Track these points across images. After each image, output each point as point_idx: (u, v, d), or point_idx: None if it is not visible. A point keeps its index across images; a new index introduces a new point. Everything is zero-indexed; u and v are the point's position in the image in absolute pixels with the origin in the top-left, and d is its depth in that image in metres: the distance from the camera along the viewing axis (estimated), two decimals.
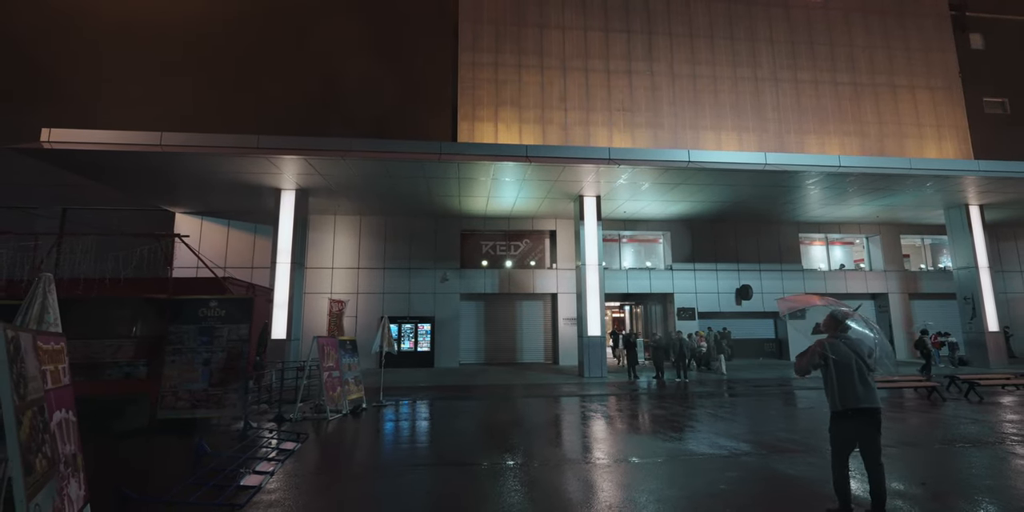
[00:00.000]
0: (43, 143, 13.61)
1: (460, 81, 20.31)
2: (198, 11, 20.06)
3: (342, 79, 20.11)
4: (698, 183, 16.67)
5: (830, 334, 4.38)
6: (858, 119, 22.22)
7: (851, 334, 4.36)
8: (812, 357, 4.27)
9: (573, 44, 21.32)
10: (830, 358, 4.19)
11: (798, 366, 4.35)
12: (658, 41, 21.71)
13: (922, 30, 23.60)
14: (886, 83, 22.73)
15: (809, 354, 4.31)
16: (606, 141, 20.55)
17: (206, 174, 15.14)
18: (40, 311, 4.80)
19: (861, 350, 4.22)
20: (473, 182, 16.27)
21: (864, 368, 4.15)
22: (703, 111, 21.31)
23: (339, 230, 19.56)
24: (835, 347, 4.23)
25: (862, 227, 22.43)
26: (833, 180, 16.60)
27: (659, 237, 21.95)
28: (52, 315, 4.89)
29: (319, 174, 15.26)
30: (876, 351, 4.28)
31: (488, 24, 20.96)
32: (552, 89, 20.83)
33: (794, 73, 22.20)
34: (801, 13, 23.00)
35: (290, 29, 20.28)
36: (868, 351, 4.23)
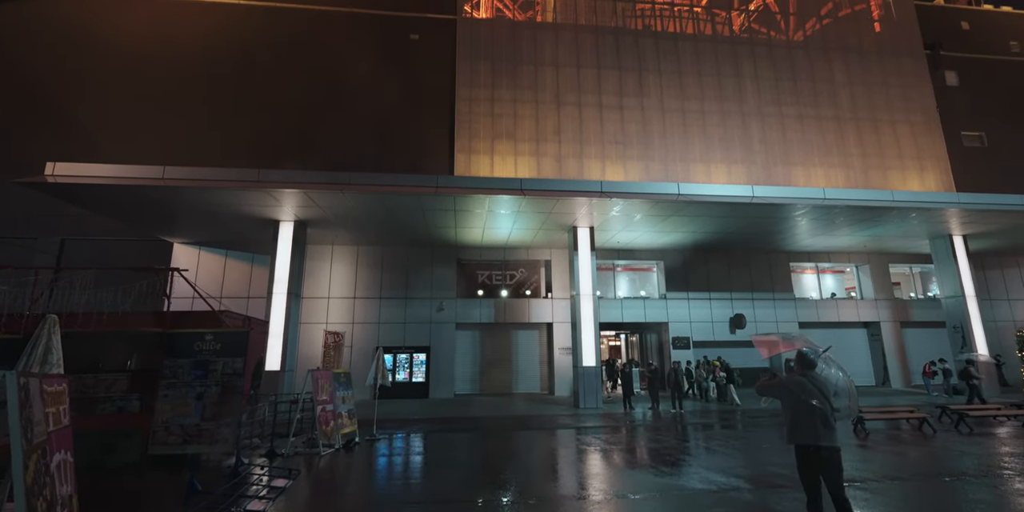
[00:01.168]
0: (47, 177, 13.89)
1: (457, 115, 20.94)
2: (202, 45, 20.75)
3: (342, 113, 20.69)
4: (689, 215, 17.07)
5: (798, 371, 4.58)
6: (842, 152, 22.93)
7: (819, 373, 4.55)
8: (772, 388, 4.54)
9: (567, 80, 22.12)
10: (791, 393, 4.40)
11: (758, 386, 4.64)
12: (648, 78, 22.55)
13: (899, 68, 24.64)
14: (867, 117, 23.57)
15: (770, 385, 4.56)
16: (599, 173, 21.07)
17: (207, 206, 15.41)
18: (44, 352, 4.92)
19: (827, 390, 4.41)
20: (469, 214, 16.60)
21: (828, 409, 4.32)
22: (692, 144, 21.97)
23: (336, 260, 19.75)
24: (800, 384, 4.42)
25: (851, 256, 22.83)
26: (820, 212, 17.04)
27: (653, 266, 22.24)
28: (55, 355, 5.01)
29: (318, 206, 15.56)
30: (840, 392, 4.46)
31: (485, 61, 21.77)
32: (547, 123, 21.48)
33: (779, 108, 23.02)
34: (783, 52, 24.03)
35: (290, 63, 20.97)
36: (833, 390, 4.43)
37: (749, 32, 24.50)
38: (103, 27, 20.48)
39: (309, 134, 20.13)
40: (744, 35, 24.26)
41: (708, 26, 24.08)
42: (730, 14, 24.63)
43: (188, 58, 20.52)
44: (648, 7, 24.02)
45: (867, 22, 25.56)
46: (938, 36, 25.79)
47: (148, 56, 20.31)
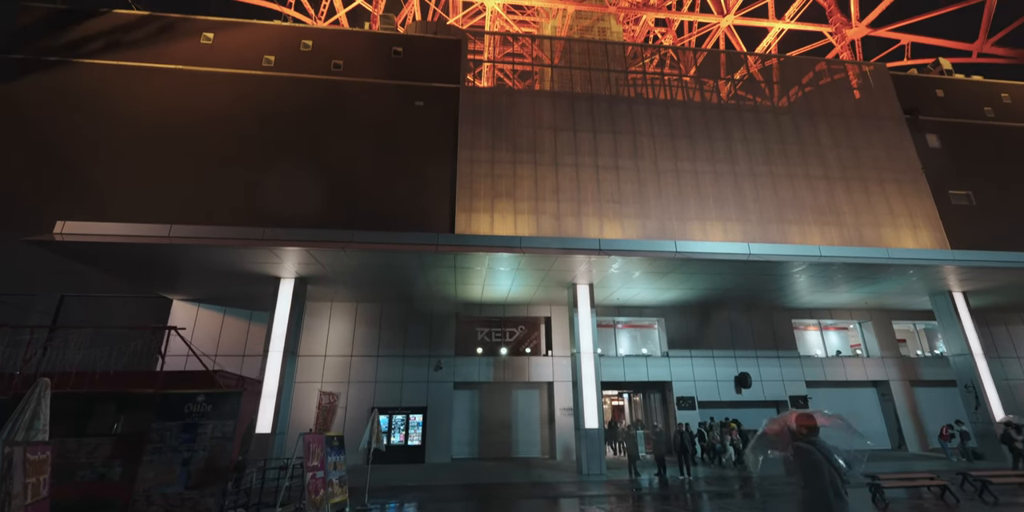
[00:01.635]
0: (55, 235, 14.15)
1: (458, 176, 21.67)
2: (212, 111, 21.84)
3: (346, 173, 21.41)
4: (687, 272, 17.19)
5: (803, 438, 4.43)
6: (834, 210, 23.48)
7: (825, 440, 4.41)
8: (799, 465, 4.31)
9: (564, 143, 23.10)
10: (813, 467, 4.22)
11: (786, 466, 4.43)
12: (642, 141, 23.57)
13: (881, 130, 25.81)
14: (856, 177, 24.36)
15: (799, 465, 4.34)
16: (597, 231, 21.45)
17: (210, 264, 15.56)
18: (31, 417, 4.80)
19: (833, 458, 4.25)
20: (469, 271, 16.72)
21: (837, 479, 4.15)
22: (688, 203, 22.55)
23: (335, 317, 19.62)
24: (810, 454, 4.26)
25: (853, 313, 22.69)
26: (818, 269, 17.16)
27: (654, 323, 22.05)
28: (42, 421, 4.89)
29: (319, 264, 15.71)
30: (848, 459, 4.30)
31: (485, 125, 22.86)
32: (545, 183, 22.18)
33: (769, 168, 23.86)
34: (770, 116, 25.29)
35: (297, 127, 21.99)
36: (841, 457, 4.27)
37: (736, 99, 25.91)
38: (120, 94, 21.65)
39: (314, 193, 20.72)
40: (731, 102, 25.64)
41: (697, 93, 25.52)
42: (717, 83, 26.18)
43: (199, 123, 21.54)
44: (639, 77, 25.59)
45: (847, 90, 27.10)
46: (915, 102, 27.24)
47: (161, 121, 21.33)
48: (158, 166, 20.51)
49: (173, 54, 22.60)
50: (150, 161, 20.55)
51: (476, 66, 25.24)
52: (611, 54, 25.82)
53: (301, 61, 23.28)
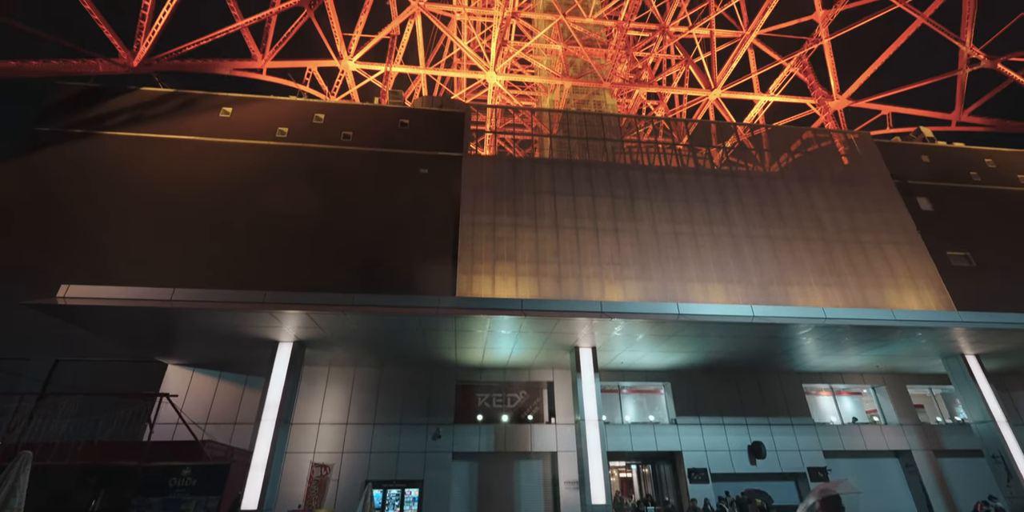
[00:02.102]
0: (58, 299, 14.19)
1: (460, 239, 22.06)
2: (222, 178, 22.66)
3: (349, 237, 21.83)
4: (691, 335, 16.95)
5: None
6: (835, 271, 23.55)
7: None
8: None
9: (563, 207, 23.73)
10: None
11: None
12: (640, 204, 24.21)
13: (872, 194, 26.52)
14: (852, 239, 24.68)
15: None
16: (598, 293, 21.44)
17: (210, 328, 15.46)
18: (7, 495, 4.56)
19: None
20: (470, 334, 16.53)
21: None
22: (688, 265, 22.71)
23: (332, 382, 19.12)
24: None
25: (865, 377, 22.03)
26: (824, 332, 16.92)
27: (660, 388, 21.37)
28: (18, 499, 4.64)
29: (319, 327, 15.59)
30: None
31: (487, 191, 23.62)
32: (546, 245, 22.51)
33: (766, 230, 24.26)
34: (762, 181, 26.13)
35: (302, 192, 22.71)
36: None
37: (729, 165, 26.94)
38: (135, 163, 22.58)
39: (317, 257, 21.01)
40: (724, 167, 26.63)
41: (691, 160, 26.59)
42: (709, 150, 27.36)
43: (208, 190, 22.30)
44: (635, 145, 26.81)
45: (835, 156, 28.21)
46: (902, 167, 28.23)
47: (171, 188, 22.06)
48: (164, 231, 20.99)
49: (191, 126, 23.92)
50: (156, 226, 21.06)
51: (479, 136, 26.58)
52: (607, 125, 27.23)
53: (313, 132, 24.58)
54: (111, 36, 24.60)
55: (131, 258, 20.21)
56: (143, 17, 25.53)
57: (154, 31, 25.45)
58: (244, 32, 30.01)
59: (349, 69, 37.14)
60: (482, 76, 38.93)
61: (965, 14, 33.08)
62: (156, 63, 26.12)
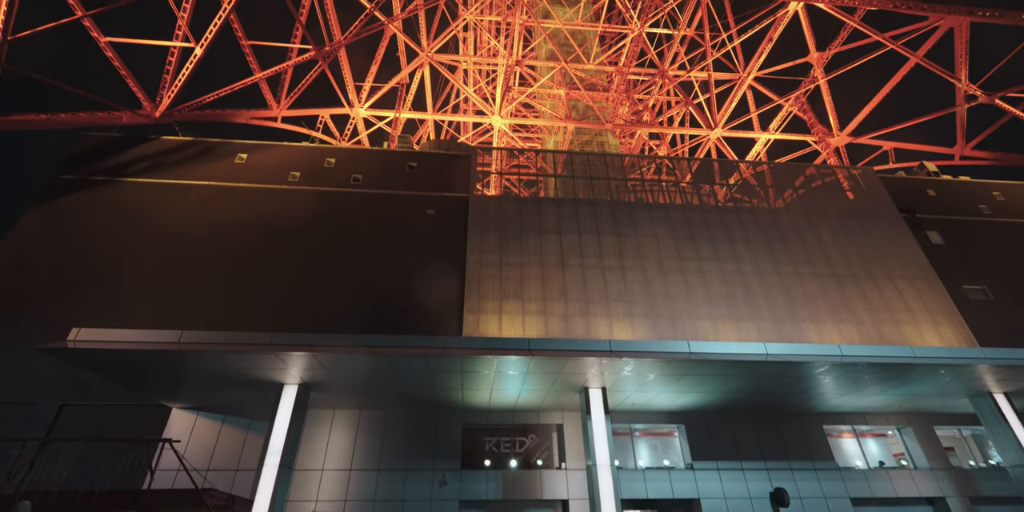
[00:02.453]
0: (68, 342, 14.29)
1: (467, 278, 22.12)
2: (232, 222, 23.14)
3: (356, 278, 21.99)
4: (703, 374, 16.53)
5: None
6: (848, 307, 23.12)
7: None
8: None
9: (569, 245, 23.84)
10: None
11: None
12: (645, 242, 24.28)
13: (881, 229, 26.40)
14: (864, 274, 24.37)
15: None
16: (607, 331, 21.15)
17: (216, 370, 15.39)
18: None
19: None
20: (476, 375, 16.26)
21: None
22: (697, 302, 22.45)
23: (336, 426, 18.71)
24: None
25: (889, 417, 21.14)
26: (841, 370, 16.43)
27: (674, 430, 20.63)
28: None
29: (324, 369, 15.44)
30: None
31: (493, 230, 23.88)
32: (552, 283, 22.46)
33: (775, 266, 24.08)
34: (768, 217, 26.19)
35: (310, 235, 23.08)
36: None
37: (733, 201, 27.13)
38: (150, 208, 23.21)
39: (323, 298, 21.11)
40: (729, 204, 26.81)
41: (695, 198, 26.84)
42: (713, 187, 27.65)
43: (219, 232, 22.76)
44: (638, 184, 27.20)
45: (839, 191, 28.35)
46: (909, 202, 28.22)
47: (184, 231, 22.56)
48: (175, 273, 21.32)
49: (208, 172, 24.76)
50: (168, 268, 21.41)
51: (484, 177, 27.19)
52: (610, 164, 27.77)
53: (324, 176, 25.30)
54: (137, 90, 25.96)
55: (142, 300, 20.46)
56: (167, 71, 27.00)
57: (176, 84, 26.86)
58: (261, 84, 31.55)
59: (360, 116, 38.64)
60: (488, 120, 40.26)
61: (958, 53, 33.91)
62: (177, 113, 27.38)
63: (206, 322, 19.52)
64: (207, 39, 27.59)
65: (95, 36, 25.17)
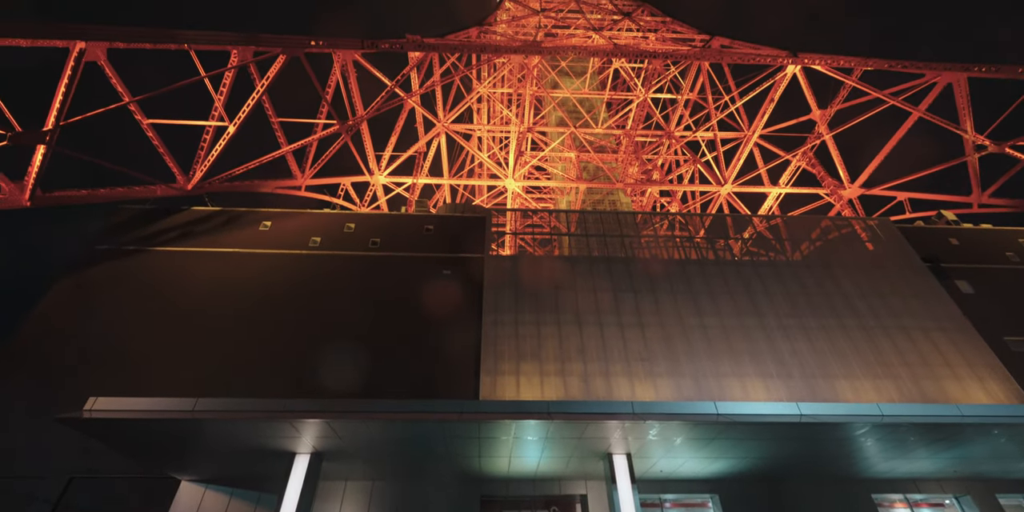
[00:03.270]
0: (84, 412, 14.22)
1: (483, 337, 21.86)
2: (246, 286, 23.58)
3: (371, 341, 21.90)
4: (734, 437, 15.59)
5: None
6: (882, 361, 22.02)
7: None
8: None
9: (586, 303, 23.62)
10: None
11: None
12: (663, 298, 23.95)
13: (906, 279, 25.71)
14: (894, 326, 23.42)
15: None
16: (628, 392, 20.35)
17: (228, 438, 15.05)
18: None
19: None
20: (494, 442, 15.59)
21: None
22: (721, 359, 21.66)
23: (348, 499, 17.80)
24: None
25: (945, 484, 19.37)
26: (883, 432, 15.37)
27: (707, 501, 19.12)
28: None
29: (338, 437, 15.00)
30: None
31: (509, 289, 23.89)
32: (570, 342, 22.02)
33: (799, 320, 23.35)
34: (787, 269, 25.80)
35: (322, 299, 23.30)
36: None
37: (750, 255, 26.94)
38: (173, 276, 23.77)
39: (338, 362, 20.94)
40: (746, 258, 26.61)
41: (710, 253, 26.75)
42: (728, 242, 27.61)
43: (239, 298, 23.12)
44: (652, 240, 27.33)
45: (858, 242, 28.02)
46: (931, 251, 27.64)
47: (205, 298, 22.91)
48: (193, 340, 21.50)
49: (233, 239, 25.69)
50: (187, 336, 21.61)
51: (499, 237, 27.68)
52: (623, 221, 28.12)
53: (343, 240, 26.04)
54: (173, 166, 27.74)
55: (161, 368, 20.52)
56: (201, 148, 28.96)
57: (209, 159, 28.66)
58: (288, 156, 33.48)
59: (379, 183, 40.37)
60: (501, 183, 41.65)
61: (960, 106, 34.64)
62: (208, 185, 28.97)
63: (222, 389, 19.38)
64: (240, 118, 29.78)
65: (139, 119, 27.36)
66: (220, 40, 28.45)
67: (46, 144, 22.13)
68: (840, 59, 37.62)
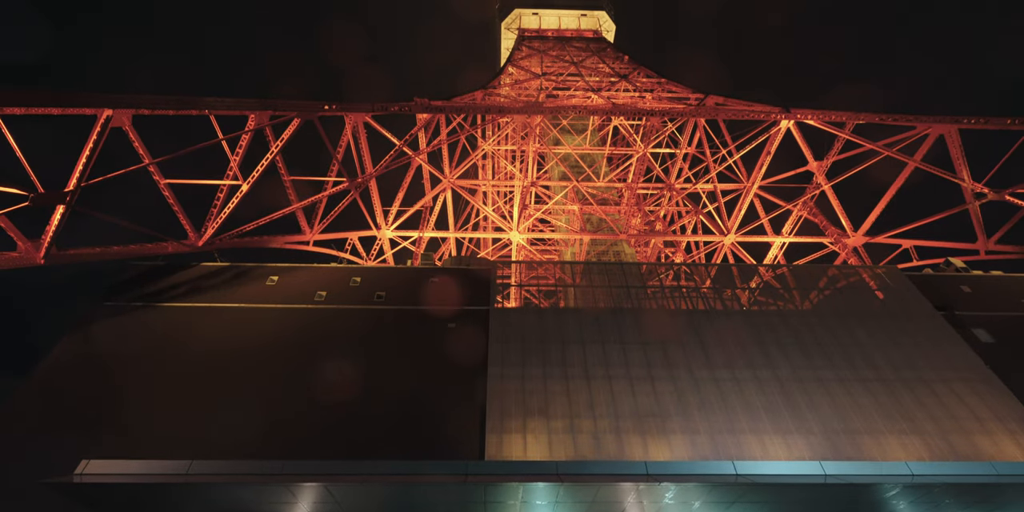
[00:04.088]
0: (75, 476, 13.69)
1: (488, 393, 21.21)
2: (258, 341, 23.37)
3: (372, 397, 21.32)
4: (756, 500, 14.68)
5: None
6: (906, 416, 21.03)
7: None
8: None
9: (593, 355, 23.11)
10: None
11: None
12: (672, 349, 23.42)
13: (921, 328, 25.10)
14: (914, 377, 22.59)
15: None
16: (641, 450, 19.39)
17: (225, 503, 14.32)
18: None
19: None
20: (501, 506, 14.75)
21: None
22: (736, 414, 20.79)
23: None
24: None
25: None
26: (915, 493, 14.43)
27: None
28: None
29: (335, 501, 14.24)
30: None
31: (514, 342, 23.50)
32: (578, 397, 21.32)
33: (814, 372, 22.61)
34: (797, 319, 25.35)
35: (324, 354, 22.92)
36: None
37: (758, 304, 26.60)
38: (176, 332, 23.61)
39: (337, 419, 20.29)
40: (754, 308, 26.26)
41: (718, 303, 26.46)
42: (735, 292, 27.37)
43: (241, 354, 22.81)
44: (659, 290, 27.15)
45: (868, 291, 27.68)
46: (944, 299, 27.20)
47: (205, 354, 22.60)
48: (193, 398, 21.02)
49: (240, 294, 25.79)
50: (186, 395, 21.13)
51: (504, 289, 27.59)
52: (628, 272, 28.10)
53: (349, 294, 26.06)
54: (186, 223, 28.44)
55: (158, 429, 19.91)
56: (215, 206, 29.82)
57: (222, 216, 29.42)
58: (297, 212, 34.34)
59: (386, 237, 41.02)
60: (506, 236, 42.20)
61: (954, 156, 35.28)
62: (219, 242, 29.54)
63: (221, 449, 18.67)
64: (253, 177, 30.88)
65: (156, 179, 28.41)
66: (239, 106, 30.09)
67: (66, 204, 22.86)
68: (831, 114, 39.03)
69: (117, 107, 24.90)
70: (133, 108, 25.82)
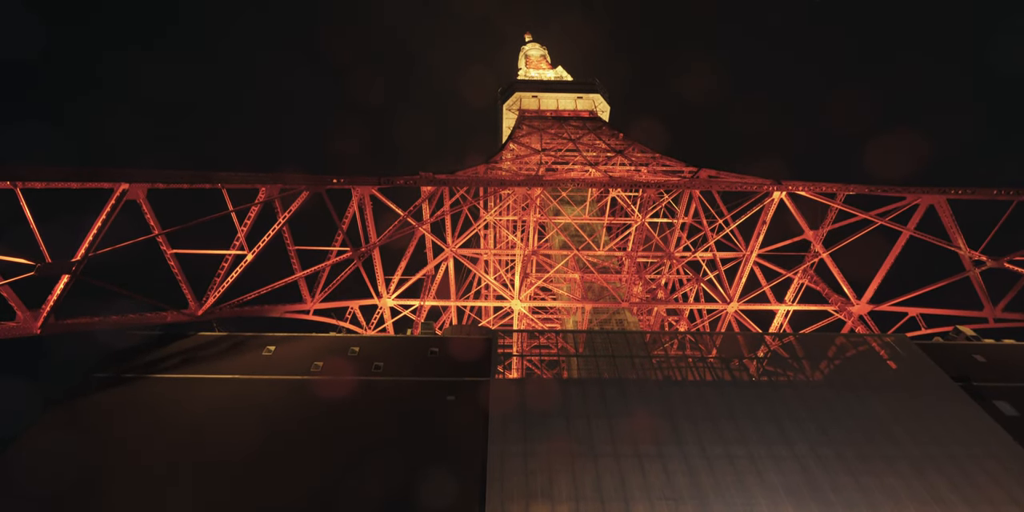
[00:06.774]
0: None
1: (489, 473, 19.93)
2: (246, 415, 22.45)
3: (365, 474, 20.06)
4: None
5: None
6: (938, 498, 19.48)
7: None
8: None
9: (599, 431, 21.99)
10: None
11: None
12: (681, 424, 22.31)
13: (940, 401, 24.04)
14: (941, 455, 21.22)
15: None
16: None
17: None
18: None
19: None
20: None
21: None
22: (754, 496, 19.32)
23: None
24: None
25: None
26: None
27: None
28: None
29: None
30: None
31: (516, 417, 22.43)
32: (584, 477, 19.99)
33: (834, 449, 21.31)
34: (810, 391, 24.37)
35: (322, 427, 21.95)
36: None
37: (767, 375, 25.75)
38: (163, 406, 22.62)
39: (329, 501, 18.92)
40: (764, 379, 25.40)
41: (726, 373, 25.66)
42: (743, 361, 26.64)
43: (232, 428, 21.83)
44: (664, 360, 26.46)
45: (878, 360, 26.92)
46: (958, 369, 26.31)
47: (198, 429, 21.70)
48: (180, 474, 19.79)
49: (235, 365, 25.16)
50: (173, 470, 19.96)
51: (506, 359, 27.00)
52: (631, 341, 27.57)
53: (346, 365, 25.41)
54: (188, 293, 28.50)
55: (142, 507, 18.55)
56: (218, 275, 30.06)
57: (224, 286, 29.56)
58: (299, 281, 34.54)
59: (387, 305, 40.87)
60: (507, 304, 42.04)
61: (947, 225, 35.84)
62: (219, 311, 29.40)
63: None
64: (259, 247, 31.44)
65: (164, 249, 28.91)
66: (250, 180, 31.40)
67: (71, 274, 23.09)
68: (822, 185, 40.40)
69: (134, 181, 25.97)
70: (149, 182, 26.92)
